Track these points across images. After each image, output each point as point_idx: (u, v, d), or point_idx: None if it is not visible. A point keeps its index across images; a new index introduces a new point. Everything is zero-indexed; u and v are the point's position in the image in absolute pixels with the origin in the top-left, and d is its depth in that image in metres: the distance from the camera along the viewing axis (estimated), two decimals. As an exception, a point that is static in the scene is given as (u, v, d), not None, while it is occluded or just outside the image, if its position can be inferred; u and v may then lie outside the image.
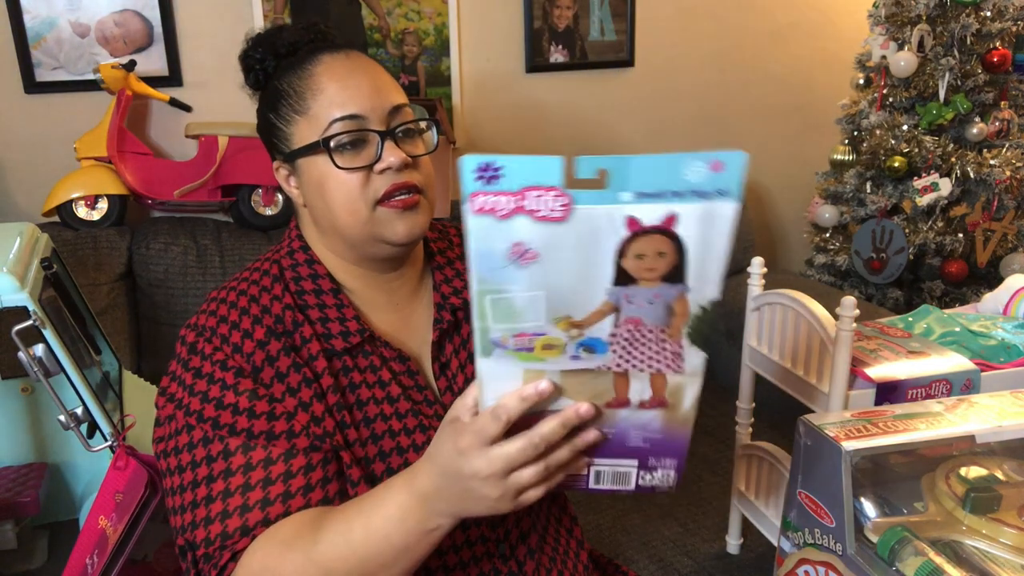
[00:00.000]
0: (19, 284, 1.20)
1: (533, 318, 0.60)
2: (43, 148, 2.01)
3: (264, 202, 2.00)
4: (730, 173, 0.57)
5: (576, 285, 0.59)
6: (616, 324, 0.62)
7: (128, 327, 1.92)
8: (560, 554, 0.97)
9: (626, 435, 0.69)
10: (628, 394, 0.66)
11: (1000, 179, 2.19)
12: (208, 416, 0.79)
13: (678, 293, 0.61)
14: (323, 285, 0.88)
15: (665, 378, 0.65)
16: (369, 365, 0.86)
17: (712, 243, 0.60)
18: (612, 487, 0.73)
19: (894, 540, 0.71)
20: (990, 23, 2.19)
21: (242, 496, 0.76)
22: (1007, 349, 1.20)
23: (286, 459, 0.78)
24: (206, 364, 0.82)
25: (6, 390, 1.54)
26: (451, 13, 2.24)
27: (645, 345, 0.63)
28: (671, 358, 0.64)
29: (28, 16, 1.93)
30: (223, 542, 0.76)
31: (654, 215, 0.57)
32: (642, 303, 0.61)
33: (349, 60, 0.85)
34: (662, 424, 0.68)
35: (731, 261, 2.15)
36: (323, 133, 0.82)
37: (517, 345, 0.61)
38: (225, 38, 2.05)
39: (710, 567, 1.47)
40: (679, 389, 0.66)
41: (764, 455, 1.34)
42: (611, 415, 0.67)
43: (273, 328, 0.84)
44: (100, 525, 1.20)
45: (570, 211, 0.56)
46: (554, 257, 0.58)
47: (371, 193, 0.82)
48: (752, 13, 2.57)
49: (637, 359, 0.64)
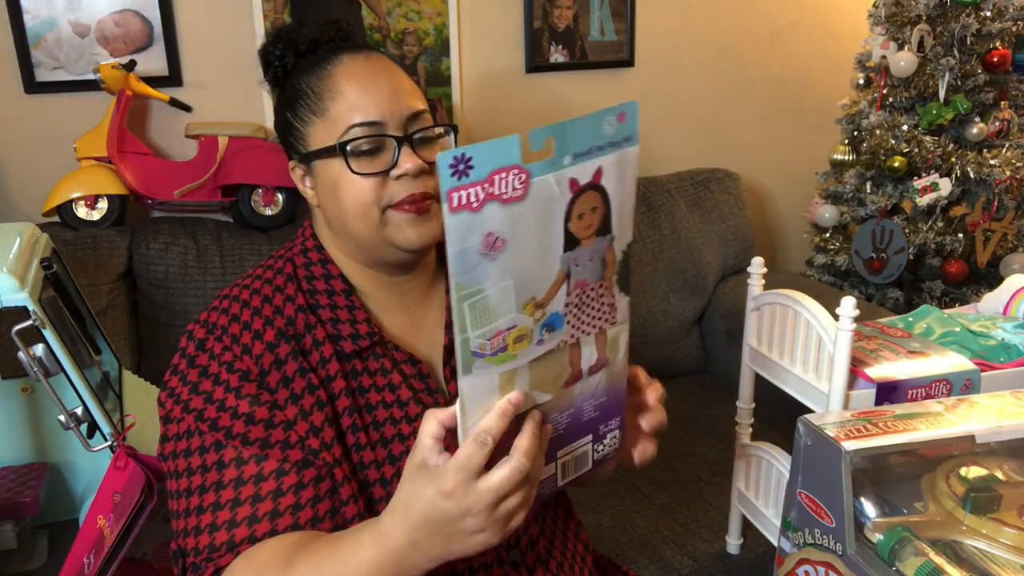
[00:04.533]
0: (19, 284, 1.19)
1: (506, 310, 0.61)
2: (43, 148, 2.01)
3: (264, 202, 2.00)
4: (630, 121, 0.62)
5: (537, 262, 0.62)
6: (568, 293, 0.65)
7: (128, 327, 1.91)
8: (568, 559, 0.97)
9: (581, 411, 0.71)
10: (580, 363, 0.68)
11: (1000, 179, 2.19)
12: (208, 417, 0.79)
13: (608, 243, 0.65)
14: (335, 286, 0.87)
15: (606, 334, 0.69)
16: (380, 368, 0.86)
17: (625, 188, 0.65)
18: (575, 475, 0.74)
19: (894, 540, 0.71)
20: (990, 23, 2.19)
21: (231, 511, 0.76)
22: (1007, 349, 1.20)
23: (277, 476, 0.78)
24: (213, 363, 0.81)
25: (6, 390, 1.54)
26: (451, 13, 2.24)
27: (590, 306, 0.67)
28: (608, 311, 0.68)
29: (28, 16, 1.93)
30: (209, 554, 0.76)
31: (587, 173, 0.61)
32: (585, 263, 0.65)
33: (369, 63, 0.84)
34: (605, 384, 0.71)
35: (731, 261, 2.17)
36: (341, 137, 0.81)
37: (494, 348, 0.62)
38: (225, 38, 2.05)
39: (710, 567, 1.47)
40: (615, 341, 0.70)
41: (764, 455, 1.34)
42: (569, 395, 0.69)
43: (284, 330, 0.83)
44: (98, 525, 1.20)
45: (528, 186, 0.59)
46: (519, 238, 0.60)
47: (385, 199, 0.82)
48: (752, 13, 2.57)
49: (585, 322, 0.67)
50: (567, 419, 0.70)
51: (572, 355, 0.67)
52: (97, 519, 1.20)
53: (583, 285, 0.65)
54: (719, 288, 2.32)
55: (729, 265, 2.36)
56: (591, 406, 0.71)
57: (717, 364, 2.30)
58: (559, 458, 0.72)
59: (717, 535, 1.54)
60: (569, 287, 0.64)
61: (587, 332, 0.67)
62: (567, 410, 0.69)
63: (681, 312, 2.26)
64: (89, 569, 1.19)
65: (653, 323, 2.21)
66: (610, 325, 0.69)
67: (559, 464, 0.72)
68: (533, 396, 0.66)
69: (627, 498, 1.67)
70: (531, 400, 0.66)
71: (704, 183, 2.37)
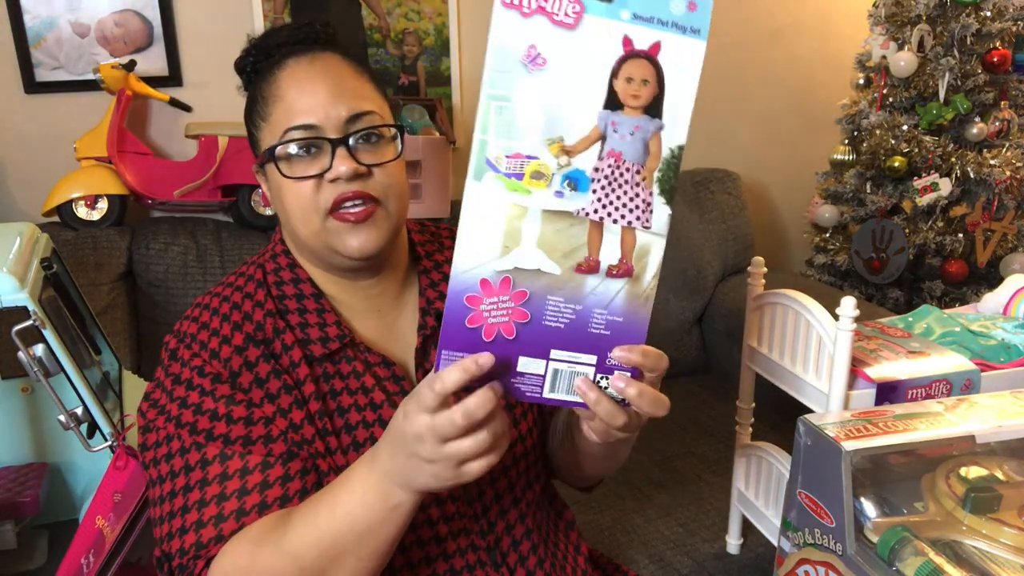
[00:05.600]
0: (19, 284, 1.19)
1: (530, 136, 0.62)
2: (43, 148, 2.01)
3: (264, 202, 2.00)
4: (702, 13, 0.62)
5: (573, 105, 0.62)
6: (600, 156, 0.64)
7: (128, 327, 1.91)
8: (559, 559, 0.97)
9: (588, 315, 0.66)
10: (599, 253, 0.65)
11: (1000, 179, 2.19)
12: (186, 422, 0.79)
13: (655, 129, 0.64)
14: (304, 290, 0.87)
15: (635, 237, 0.66)
16: (352, 371, 0.85)
17: (684, 80, 0.64)
18: (567, 396, 0.68)
19: (894, 540, 0.71)
20: (990, 23, 2.19)
21: (217, 506, 0.76)
22: (1007, 349, 1.20)
23: (263, 469, 0.78)
24: (185, 370, 0.82)
25: (6, 390, 1.54)
26: (451, 13, 2.24)
27: (622, 188, 0.65)
28: (643, 208, 0.65)
29: (28, 16, 1.93)
30: (197, 551, 0.75)
31: (644, 39, 0.62)
32: (625, 134, 0.64)
33: (312, 65, 0.82)
34: (625, 301, 0.67)
35: (731, 261, 2.17)
36: (277, 141, 0.81)
37: (508, 169, 0.62)
38: (225, 38, 2.04)
39: (710, 567, 1.47)
40: (645, 252, 0.66)
41: (764, 455, 1.34)
42: (578, 284, 0.65)
43: (252, 335, 0.83)
44: (97, 525, 1.20)
45: (580, 18, 0.61)
46: (560, 67, 0.61)
47: (322, 203, 0.80)
48: (752, 13, 2.57)
49: (613, 204, 0.65)
50: (570, 314, 0.66)
51: (592, 235, 0.65)
52: (96, 519, 1.20)
53: (618, 158, 0.64)
54: (719, 288, 2.32)
55: (729, 265, 2.36)
56: (602, 318, 0.66)
57: (717, 364, 2.30)
58: (551, 359, 0.66)
59: (717, 535, 1.54)
60: (602, 152, 0.64)
61: (613, 218, 0.65)
62: (572, 303, 0.65)
63: (681, 312, 2.26)
64: (88, 570, 1.19)
65: (653, 323, 2.18)
66: (642, 227, 0.66)
67: (550, 367, 0.67)
68: (538, 255, 0.64)
69: (627, 498, 1.67)
70: (532, 259, 0.64)
71: (704, 183, 2.37)
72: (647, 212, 0.65)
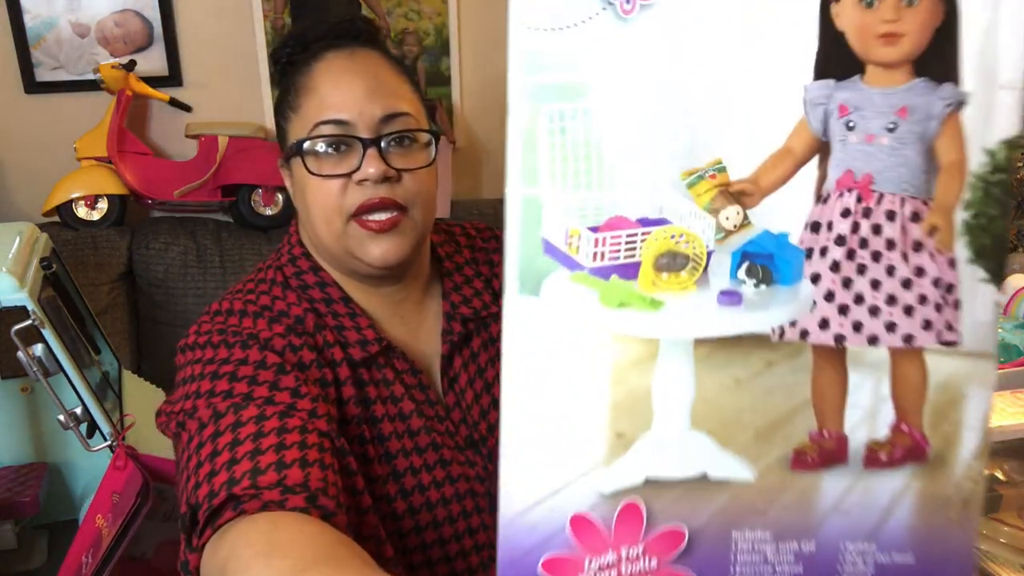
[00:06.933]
0: (19, 284, 1.19)
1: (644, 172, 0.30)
2: (43, 148, 2.01)
3: (264, 202, 2.00)
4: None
5: (732, 77, 0.30)
6: (821, 194, 0.31)
7: (128, 327, 1.91)
8: None
9: (834, 562, 0.33)
10: (843, 418, 0.32)
11: (1000, 179, 2.19)
12: (220, 390, 0.70)
13: (947, 108, 0.31)
14: (332, 293, 0.81)
15: (924, 370, 0.32)
16: (382, 379, 0.80)
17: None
18: None
19: (893, 540, 0.71)
20: (990, 23, 2.19)
21: (251, 460, 0.65)
22: (1007, 349, 1.20)
23: (301, 432, 0.67)
24: (221, 350, 0.73)
25: (6, 390, 1.54)
26: (451, 13, 2.24)
27: (883, 260, 0.32)
28: (938, 298, 0.32)
29: (28, 16, 1.93)
30: (230, 488, 0.62)
31: None
32: (875, 130, 0.31)
33: (350, 59, 0.78)
34: (916, 515, 0.33)
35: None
36: (307, 135, 0.76)
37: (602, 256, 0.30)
38: (225, 38, 2.05)
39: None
40: (952, 398, 0.32)
41: (764, 455, 1.34)
42: (803, 498, 0.32)
43: (293, 327, 0.76)
44: (97, 524, 1.20)
45: None
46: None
47: (346, 205, 0.75)
48: (752, 13, 2.57)
49: (868, 304, 0.32)
50: (791, 563, 0.33)
51: (822, 380, 0.32)
52: (96, 518, 1.20)
53: (864, 188, 0.31)
54: (719, 288, 2.32)
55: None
56: (866, 561, 0.33)
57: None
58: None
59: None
60: (826, 179, 0.31)
61: (871, 333, 0.33)
62: (795, 538, 0.33)
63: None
64: (87, 568, 1.19)
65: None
66: (939, 343, 0.33)
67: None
68: (702, 446, 0.33)
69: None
70: (688, 456, 0.32)
71: (704, 183, 2.37)
72: (948, 307, 0.33)
